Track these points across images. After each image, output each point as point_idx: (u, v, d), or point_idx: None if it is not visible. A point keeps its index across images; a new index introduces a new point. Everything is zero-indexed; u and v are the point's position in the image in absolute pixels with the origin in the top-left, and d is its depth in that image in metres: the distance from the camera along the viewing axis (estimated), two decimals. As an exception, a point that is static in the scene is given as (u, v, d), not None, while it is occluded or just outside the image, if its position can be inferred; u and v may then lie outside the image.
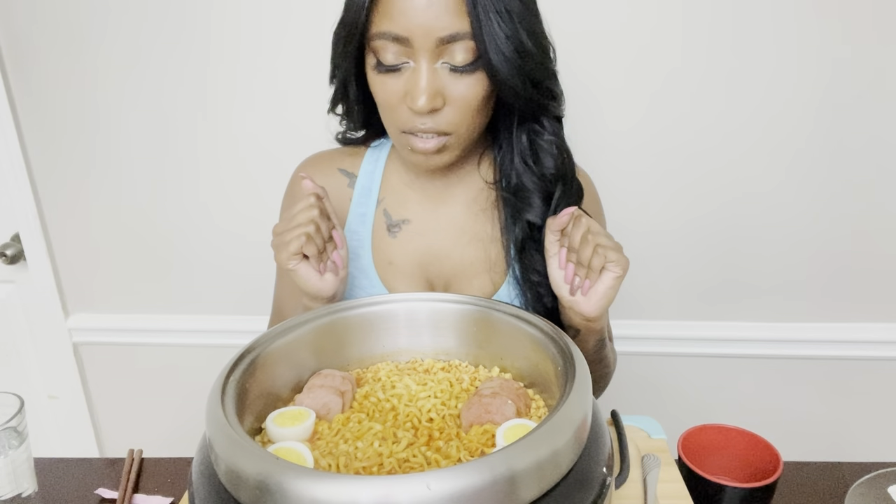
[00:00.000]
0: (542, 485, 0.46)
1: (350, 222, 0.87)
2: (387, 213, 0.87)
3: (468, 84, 0.71)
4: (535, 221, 0.81)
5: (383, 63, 0.71)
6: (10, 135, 1.34)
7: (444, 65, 0.70)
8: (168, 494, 0.81)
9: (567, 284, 0.74)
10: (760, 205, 1.28)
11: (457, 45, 0.69)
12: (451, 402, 0.63)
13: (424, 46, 0.69)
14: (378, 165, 0.88)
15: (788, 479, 0.81)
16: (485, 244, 0.86)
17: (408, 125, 0.73)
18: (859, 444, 1.43)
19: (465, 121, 0.73)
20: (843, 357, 1.36)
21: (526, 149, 0.81)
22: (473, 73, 0.71)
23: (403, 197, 0.87)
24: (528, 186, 0.81)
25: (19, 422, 0.74)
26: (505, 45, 0.68)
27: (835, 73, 1.19)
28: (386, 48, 0.70)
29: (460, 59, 0.70)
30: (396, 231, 0.86)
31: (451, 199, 0.87)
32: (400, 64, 0.71)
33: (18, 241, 1.44)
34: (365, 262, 0.85)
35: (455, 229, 0.86)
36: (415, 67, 0.70)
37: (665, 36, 1.19)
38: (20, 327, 1.52)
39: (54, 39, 1.28)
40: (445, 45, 0.69)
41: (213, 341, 1.45)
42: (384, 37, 0.69)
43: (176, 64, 1.28)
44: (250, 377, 0.59)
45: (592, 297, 0.72)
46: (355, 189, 0.88)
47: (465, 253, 0.85)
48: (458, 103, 0.72)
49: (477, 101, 0.73)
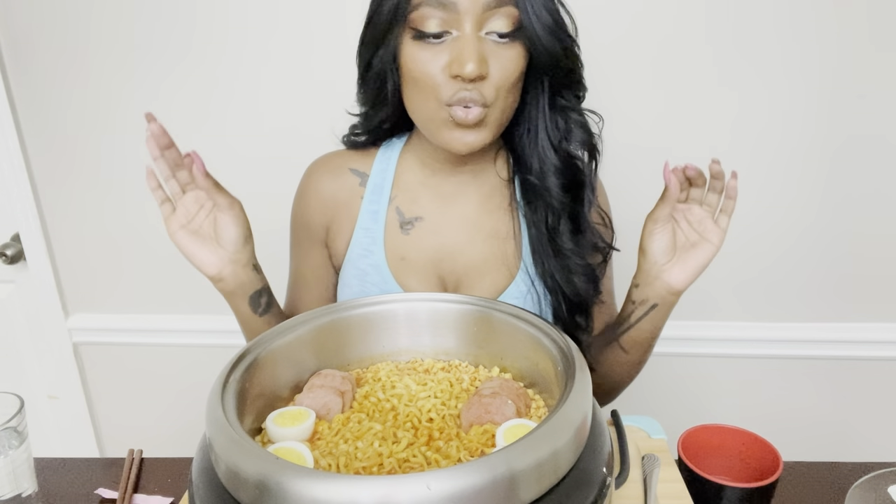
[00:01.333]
0: (542, 485, 0.46)
1: (362, 220, 0.87)
2: (399, 211, 0.87)
3: (510, 55, 0.72)
4: (559, 203, 0.81)
5: (426, 32, 0.71)
6: (10, 135, 1.34)
7: (486, 35, 0.71)
8: (168, 494, 0.81)
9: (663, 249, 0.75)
10: (760, 205, 1.28)
11: (500, 11, 0.70)
12: (451, 402, 0.63)
13: (470, 12, 0.69)
14: (390, 164, 0.88)
15: (788, 479, 0.81)
16: (498, 241, 0.86)
17: (450, 95, 0.72)
18: (859, 444, 1.43)
19: (503, 93, 0.74)
20: (843, 357, 1.36)
21: (557, 126, 0.81)
22: (514, 44, 0.72)
23: (416, 194, 0.87)
24: (552, 169, 0.81)
25: (19, 422, 0.74)
26: (542, 13, 0.71)
27: (837, 72, 1.19)
28: (430, 16, 0.70)
29: (504, 26, 0.71)
30: (409, 228, 0.86)
31: (465, 196, 0.87)
32: (443, 32, 0.71)
33: (18, 241, 1.44)
34: (378, 258, 0.85)
35: (468, 226, 0.86)
36: (459, 35, 0.71)
37: (668, 35, 1.19)
38: (20, 327, 1.52)
39: (54, 39, 1.28)
40: (490, 12, 0.70)
41: (213, 341, 1.44)
42: (430, 3, 0.70)
43: (177, 63, 1.28)
44: (250, 377, 0.59)
45: (685, 269, 0.74)
46: (367, 187, 0.88)
47: (478, 250, 0.85)
48: (500, 74, 0.72)
49: (515, 75, 0.73)
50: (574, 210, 0.82)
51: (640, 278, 0.79)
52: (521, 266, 0.85)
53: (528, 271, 0.84)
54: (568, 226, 0.82)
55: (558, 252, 0.82)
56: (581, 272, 0.82)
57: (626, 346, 0.83)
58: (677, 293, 0.76)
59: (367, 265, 0.86)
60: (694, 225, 0.75)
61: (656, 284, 0.77)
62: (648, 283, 0.77)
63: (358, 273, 0.86)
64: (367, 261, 0.86)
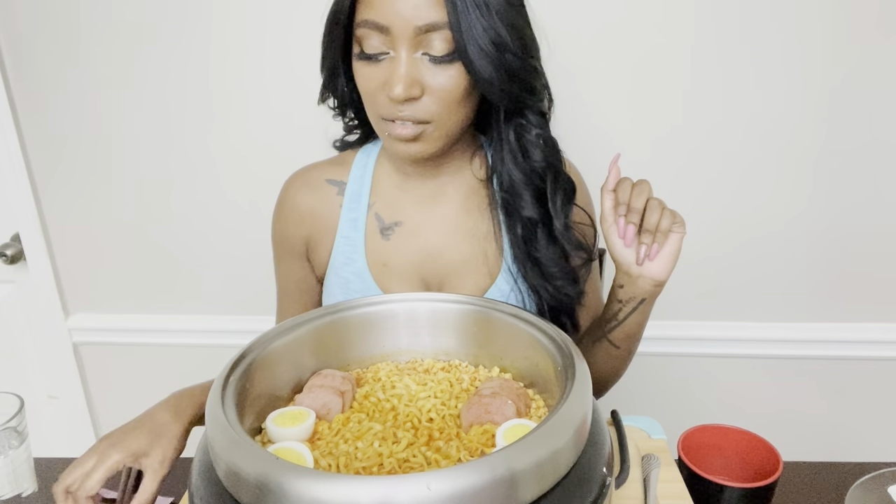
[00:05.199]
0: (542, 485, 0.46)
1: (342, 228, 0.87)
2: (378, 217, 0.87)
3: (448, 75, 0.72)
4: (531, 216, 0.81)
5: (365, 52, 0.73)
6: (10, 135, 1.34)
7: (423, 55, 0.71)
8: (168, 494, 0.81)
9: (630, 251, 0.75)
10: (760, 204, 1.28)
11: (435, 34, 0.70)
12: (451, 402, 0.63)
13: (403, 35, 0.70)
14: (367, 170, 0.89)
15: (788, 479, 0.81)
16: (479, 241, 0.86)
17: (386, 113, 0.74)
18: (859, 444, 1.43)
19: (444, 111, 0.74)
20: (842, 357, 1.36)
21: (514, 144, 0.81)
22: (452, 64, 0.72)
23: (395, 199, 0.87)
24: (519, 183, 0.82)
25: (19, 422, 0.74)
26: (482, 36, 0.69)
27: (834, 72, 1.19)
28: (369, 36, 0.72)
29: (439, 49, 0.71)
30: (389, 234, 0.86)
31: (444, 197, 0.87)
32: (380, 54, 0.72)
33: (18, 241, 1.44)
34: (359, 265, 0.86)
35: (448, 228, 0.86)
36: (394, 56, 0.71)
37: (671, 36, 1.19)
38: (20, 327, 1.52)
39: (54, 40, 1.28)
40: (424, 35, 0.70)
41: (213, 341, 1.44)
42: (367, 25, 0.71)
43: (176, 64, 1.28)
44: (250, 377, 0.59)
45: (662, 261, 0.74)
46: (345, 195, 0.88)
47: (459, 250, 0.86)
48: (438, 94, 0.73)
49: (457, 92, 0.73)
50: (546, 219, 0.82)
51: (622, 279, 0.78)
52: (503, 265, 0.85)
53: (510, 270, 0.85)
54: (544, 233, 0.82)
55: (534, 258, 0.82)
56: (559, 276, 0.82)
57: (617, 340, 0.83)
58: (663, 283, 0.76)
59: (349, 273, 0.86)
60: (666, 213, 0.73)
61: (640, 282, 0.76)
62: (632, 283, 0.77)
63: (340, 282, 0.87)
64: (349, 269, 0.86)
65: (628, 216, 0.73)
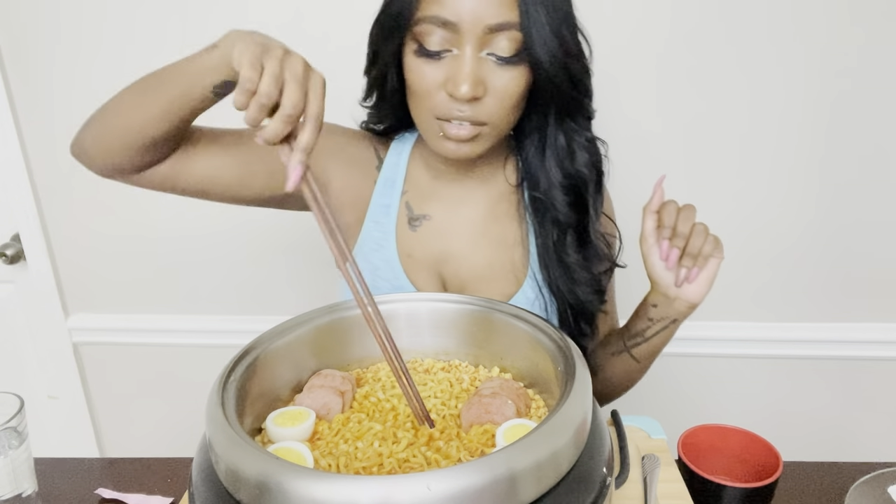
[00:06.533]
0: (541, 485, 0.46)
1: (373, 213, 0.86)
2: (409, 206, 0.86)
3: (511, 76, 0.71)
4: (566, 220, 0.81)
5: (427, 48, 0.71)
6: (10, 135, 1.34)
7: (487, 55, 0.70)
8: (168, 494, 0.81)
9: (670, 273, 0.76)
10: (761, 204, 1.28)
11: (503, 34, 0.69)
12: (451, 402, 0.63)
13: (472, 33, 0.68)
14: (402, 158, 0.87)
15: (788, 479, 0.81)
16: (505, 248, 0.85)
17: (444, 112, 0.73)
18: (859, 444, 1.43)
19: (501, 113, 0.74)
20: (843, 357, 1.36)
21: (563, 147, 0.80)
22: (517, 65, 0.71)
23: (426, 192, 0.86)
24: (559, 186, 0.81)
25: (19, 422, 0.74)
26: (550, 38, 0.69)
27: (844, 73, 1.19)
28: (431, 33, 0.70)
29: (505, 49, 0.70)
30: (417, 225, 0.85)
31: (473, 200, 0.86)
32: (443, 51, 0.71)
33: (18, 241, 1.44)
34: (389, 252, 0.85)
35: (474, 232, 0.86)
36: (458, 54, 0.70)
37: (677, 37, 1.19)
38: (20, 327, 1.52)
39: (54, 40, 1.28)
40: (492, 34, 0.69)
41: (213, 341, 1.44)
42: (432, 21, 0.69)
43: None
44: (250, 377, 0.59)
45: (700, 284, 0.75)
46: (380, 176, 0.87)
47: (484, 256, 0.85)
48: (499, 95, 0.72)
49: (517, 94, 0.73)
50: (579, 224, 0.82)
51: (657, 300, 0.79)
52: (529, 272, 0.85)
53: (535, 277, 0.84)
54: (574, 238, 0.82)
55: (563, 263, 0.82)
56: (585, 283, 0.83)
57: (639, 355, 0.85)
58: (696, 306, 0.78)
59: (378, 260, 0.85)
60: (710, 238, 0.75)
61: (676, 304, 0.78)
62: (668, 304, 0.79)
63: (370, 267, 0.86)
64: (379, 255, 0.85)
65: (674, 240, 0.74)
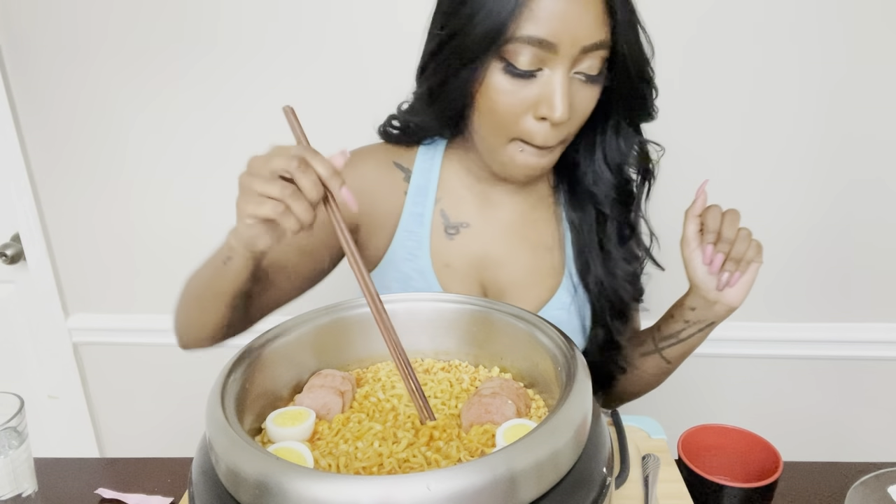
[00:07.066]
0: (541, 485, 0.46)
1: (405, 222, 0.84)
2: (444, 215, 0.85)
3: (592, 94, 0.71)
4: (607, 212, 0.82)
5: (517, 67, 0.69)
6: (10, 135, 1.34)
7: (575, 74, 0.70)
8: (168, 494, 0.81)
9: (712, 277, 0.77)
10: (760, 204, 1.28)
11: (595, 53, 0.69)
12: (451, 402, 0.63)
13: (568, 54, 0.67)
14: (434, 164, 0.85)
15: (788, 479, 0.81)
16: (542, 253, 0.85)
17: (527, 133, 0.71)
18: (859, 444, 1.43)
19: (576, 129, 0.74)
20: (843, 357, 1.36)
21: (615, 148, 0.81)
22: (599, 83, 0.71)
23: (462, 199, 0.85)
24: (605, 184, 0.82)
25: (19, 422, 0.74)
26: (637, 53, 0.70)
27: (852, 74, 1.19)
28: (524, 52, 0.67)
29: (593, 68, 0.69)
30: (454, 234, 0.84)
31: (510, 205, 0.86)
32: (536, 70, 0.69)
33: (18, 241, 1.44)
34: (423, 262, 0.84)
35: (513, 236, 0.85)
36: (551, 75, 0.69)
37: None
38: (20, 327, 1.52)
39: (54, 40, 1.28)
40: (585, 54, 0.68)
41: (213, 341, 1.44)
42: (527, 41, 0.67)
43: (177, 63, 1.28)
44: (250, 377, 0.59)
45: (740, 288, 0.76)
46: (410, 186, 0.85)
47: (523, 261, 0.85)
48: (580, 112, 0.72)
49: (590, 109, 0.73)
50: (623, 217, 0.83)
51: (696, 303, 0.80)
52: (566, 274, 0.85)
53: (572, 280, 0.84)
54: (616, 231, 0.83)
55: (605, 256, 0.83)
56: (624, 277, 0.83)
57: (670, 357, 0.85)
58: (734, 309, 0.79)
59: (410, 269, 0.84)
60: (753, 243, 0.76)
61: (716, 307, 0.79)
62: (707, 307, 0.79)
63: (400, 276, 0.84)
64: (411, 265, 0.84)
65: (719, 245, 0.75)
